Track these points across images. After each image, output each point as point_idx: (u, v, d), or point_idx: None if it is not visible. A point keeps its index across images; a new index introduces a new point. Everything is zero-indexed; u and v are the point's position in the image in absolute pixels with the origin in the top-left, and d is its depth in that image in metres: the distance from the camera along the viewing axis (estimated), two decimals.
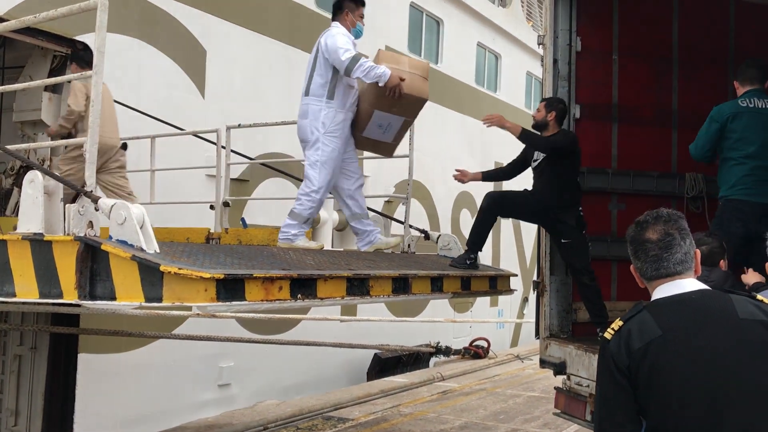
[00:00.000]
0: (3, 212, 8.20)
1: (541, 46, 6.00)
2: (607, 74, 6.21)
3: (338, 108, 5.71)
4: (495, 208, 5.83)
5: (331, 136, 5.72)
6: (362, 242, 6.02)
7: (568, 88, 5.99)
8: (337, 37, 5.67)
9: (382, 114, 5.72)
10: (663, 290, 2.36)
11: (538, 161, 5.75)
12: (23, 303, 3.90)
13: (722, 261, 4.00)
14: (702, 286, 2.36)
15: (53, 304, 3.75)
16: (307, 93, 5.78)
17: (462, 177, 6.05)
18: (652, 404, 2.24)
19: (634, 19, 6.22)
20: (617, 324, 2.36)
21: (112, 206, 3.60)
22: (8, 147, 4.91)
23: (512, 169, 6.13)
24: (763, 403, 2.15)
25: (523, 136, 5.59)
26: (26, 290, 3.78)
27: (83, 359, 8.30)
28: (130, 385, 8.77)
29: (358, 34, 5.96)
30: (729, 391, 2.16)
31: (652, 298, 2.38)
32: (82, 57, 6.80)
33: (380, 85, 5.53)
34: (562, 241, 5.64)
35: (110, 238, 3.57)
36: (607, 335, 2.36)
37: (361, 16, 6.06)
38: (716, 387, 2.17)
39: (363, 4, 6.08)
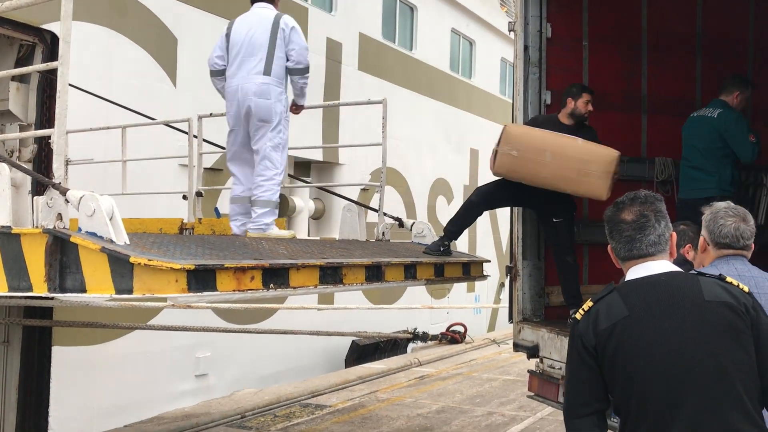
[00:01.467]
0: None
1: (512, 32, 6.03)
2: (578, 60, 6.25)
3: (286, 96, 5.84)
4: (484, 203, 5.86)
5: (287, 120, 5.83)
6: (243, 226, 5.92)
7: (539, 74, 6.02)
8: (301, 34, 5.81)
9: None
10: (635, 271, 2.40)
11: None
12: None
13: (688, 247, 4.02)
14: (673, 268, 2.39)
15: (22, 297, 3.71)
16: (268, 73, 5.66)
17: None
18: (616, 383, 2.30)
19: (604, 5, 6.26)
20: (587, 305, 2.41)
21: (81, 198, 3.57)
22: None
23: None
24: (720, 385, 2.21)
25: None
26: None
27: (57, 352, 8.23)
28: (105, 376, 8.72)
29: None
30: (689, 372, 2.21)
31: (626, 278, 2.42)
32: None
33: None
34: (554, 220, 5.68)
35: (80, 230, 3.54)
36: (578, 316, 2.42)
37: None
38: (677, 368, 2.22)
39: None
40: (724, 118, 5.48)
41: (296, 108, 6.15)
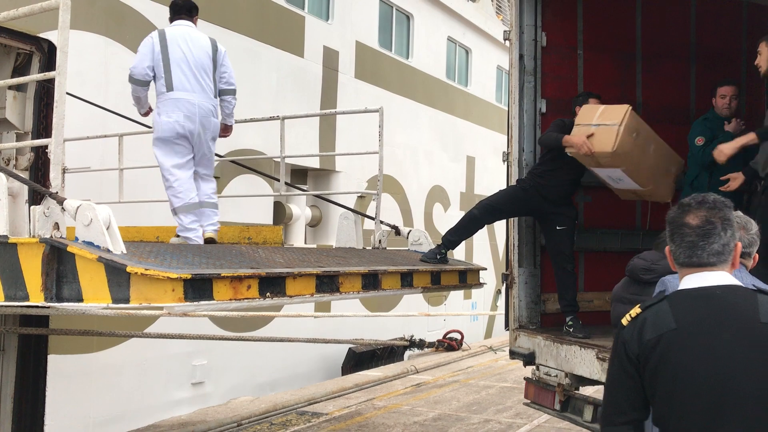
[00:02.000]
0: None
1: (507, 41, 6.07)
2: (573, 69, 6.30)
3: None
4: (487, 216, 5.89)
5: None
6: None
7: (534, 83, 6.06)
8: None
9: (599, 170, 5.45)
10: (690, 281, 2.29)
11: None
12: None
13: None
14: (732, 281, 2.27)
15: (19, 306, 3.72)
16: (215, 95, 6.09)
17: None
18: (657, 395, 2.22)
19: (598, 14, 6.31)
20: (635, 311, 2.31)
21: (78, 207, 3.58)
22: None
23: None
24: (764, 414, 2.11)
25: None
26: None
27: (53, 360, 8.21)
28: (102, 385, 8.70)
29: None
30: (732, 397, 2.12)
31: (680, 287, 2.33)
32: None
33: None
34: (557, 228, 5.70)
35: (76, 239, 3.55)
36: (624, 321, 2.32)
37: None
38: (719, 391, 2.13)
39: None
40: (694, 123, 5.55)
41: (226, 129, 6.47)
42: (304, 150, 11.27)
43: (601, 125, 5.17)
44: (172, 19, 6.19)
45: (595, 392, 5.76)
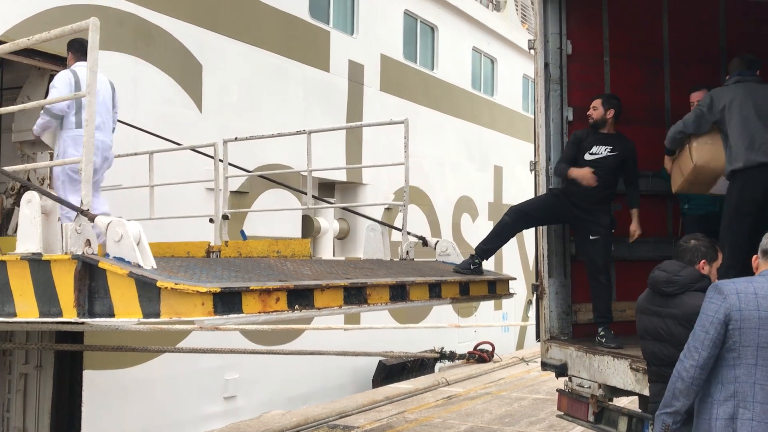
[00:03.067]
0: (5, 232, 8.25)
1: (532, 50, 6.05)
2: (599, 76, 6.25)
3: None
4: (519, 222, 5.84)
5: None
6: None
7: (560, 91, 6.02)
8: None
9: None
10: None
11: (600, 156, 5.64)
12: (24, 322, 3.93)
13: (703, 262, 3.92)
14: None
15: (53, 322, 3.78)
16: (113, 131, 6.61)
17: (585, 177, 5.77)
18: None
19: (624, 20, 6.26)
20: None
21: (109, 224, 3.64)
22: (6, 168, 4.95)
23: (573, 163, 5.79)
24: None
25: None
26: (26, 310, 3.82)
27: (88, 376, 8.33)
28: (136, 400, 8.80)
29: None
30: None
31: None
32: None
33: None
34: (591, 237, 5.64)
35: (107, 255, 3.61)
36: None
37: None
38: None
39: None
40: None
41: None
42: (331, 164, 11.33)
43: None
44: (78, 59, 6.38)
45: (629, 403, 5.66)
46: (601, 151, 5.66)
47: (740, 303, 3.07)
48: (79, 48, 6.37)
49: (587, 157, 5.69)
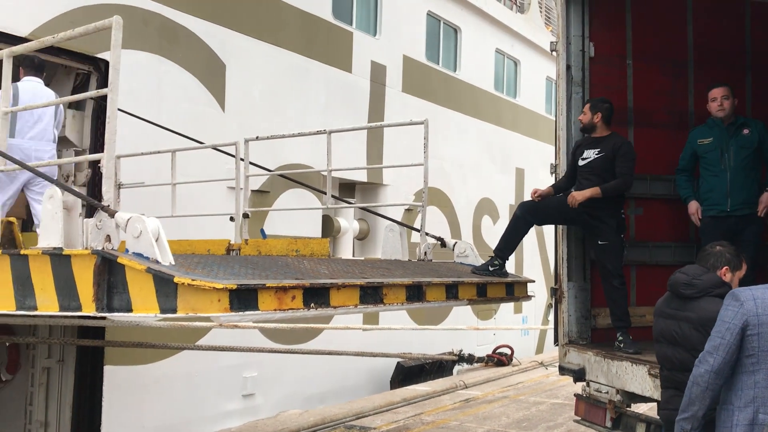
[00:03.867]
0: (31, 228, 8.38)
1: (554, 52, 6.01)
2: (622, 79, 6.19)
3: None
4: (529, 216, 5.79)
5: None
6: None
7: (582, 93, 5.98)
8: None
9: None
10: None
11: (589, 160, 5.64)
12: (42, 316, 3.98)
13: (726, 269, 3.89)
14: None
15: (72, 317, 3.83)
16: (55, 140, 6.78)
17: (536, 196, 5.85)
18: None
19: (648, 22, 6.20)
20: None
21: (128, 220, 3.68)
22: (30, 164, 5.03)
23: (572, 174, 5.87)
24: None
25: (604, 193, 5.48)
26: (47, 303, 3.87)
27: (109, 371, 8.43)
28: (155, 396, 8.88)
29: None
30: None
31: None
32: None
33: None
34: (599, 242, 5.59)
35: (127, 251, 3.65)
36: None
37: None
38: None
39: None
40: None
41: None
42: (352, 164, 11.35)
43: None
44: (27, 74, 6.78)
45: (649, 410, 5.61)
46: (590, 154, 5.64)
47: (757, 308, 3.09)
48: (29, 64, 6.79)
49: (580, 162, 5.71)
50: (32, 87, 6.69)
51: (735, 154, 5.42)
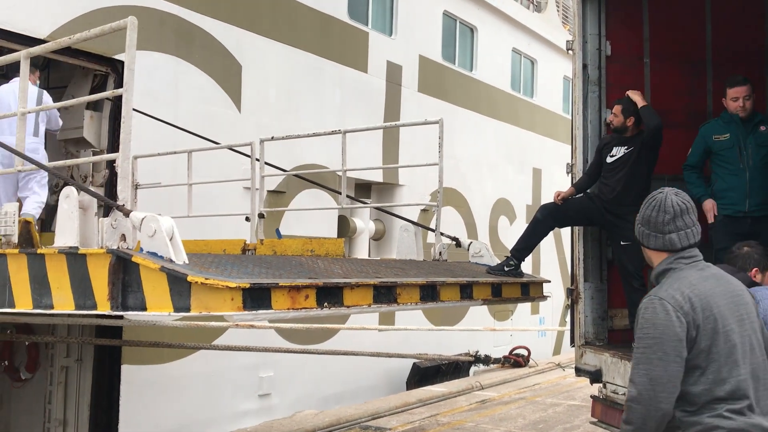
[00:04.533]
0: (49, 228, 8.47)
1: (570, 51, 5.97)
2: (639, 78, 6.13)
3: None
4: (550, 220, 5.76)
5: None
6: None
7: (599, 93, 5.93)
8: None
9: None
10: None
11: (617, 156, 5.60)
12: (58, 315, 4.02)
13: (755, 270, 3.88)
14: None
15: (91, 316, 3.86)
16: (37, 134, 7.05)
17: (559, 199, 5.83)
18: None
19: (665, 21, 6.13)
20: None
21: (143, 219, 3.70)
22: (47, 164, 5.07)
23: (596, 172, 5.82)
24: None
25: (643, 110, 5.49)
26: (63, 302, 3.91)
27: (126, 370, 8.50)
28: (172, 395, 8.94)
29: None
30: None
31: None
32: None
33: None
34: (622, 243, 5.55)
35: (141, 250, 3.67)
36: None
37: (38, 78, 7.43)
38: None
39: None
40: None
41: None
42: (368, 164, 11.35)
43: None
44: (11, 77, 7.10)
45: None
46: (619, 152, 5.60)
47: None
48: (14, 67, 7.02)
49: (608, 160, 5.66)
50: (12, 87, 6.92)
51: (754, 152, 5.25)
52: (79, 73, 8.60)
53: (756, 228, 5.18)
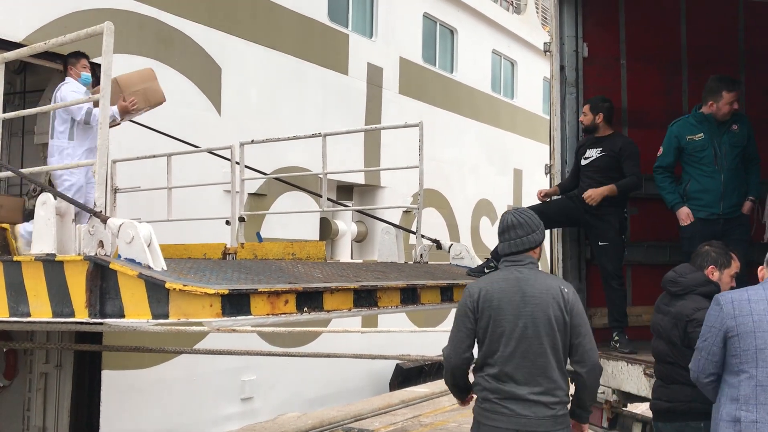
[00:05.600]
0: None
1: (548, 53, 6.01)
2: (616, 79, 6.19)
3: (77, 146, 6.43)
4: None
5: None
6: None
7: (576, 94, 5.98)
8: (68, 96, 6.37)
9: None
10: None
11: (591, 159, 5.64)
12: (35, 322, 3.98)
13: (711, 268, 3.97)
14: None
15: (64, 323, 3.84)
16: (53, 136, 6.58)
17: (541, 196, 5.88)
18: None
19: (641, 23, 6.19)
20: None
21: (121, 225, 3.68)
22: (22, 170, 5.03)
23: (576, 174, 5.83)
24: None
25: (619, 189, 5.47)
26: (40, 310, 3.87)
27: (107, 376, 8.43)
28: (154, 400, 8.88)
29: (86, 81, 6.70)
30: None
31: None
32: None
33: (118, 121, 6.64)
34: (600, 243, 5.57)
35: (119, 256, 3.65)
36: None
37: (84, 66, 6.76)
38: None
39: (83, 56, 6.77)
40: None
41: None
42: (349, 166, 11.35)
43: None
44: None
45: (645, 410, 5.59)
46: (592, 154, 5.63)
47: (734, 310, 3.23)
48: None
49: (582, 162, 5.70)
50: (71, 88, 6.65)
51: (728, 152, 5.16)
52: (57, 76, 8.50)
53: (726, 228, 5.12)
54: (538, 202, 6.11)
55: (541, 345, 3.49)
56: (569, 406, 3.67)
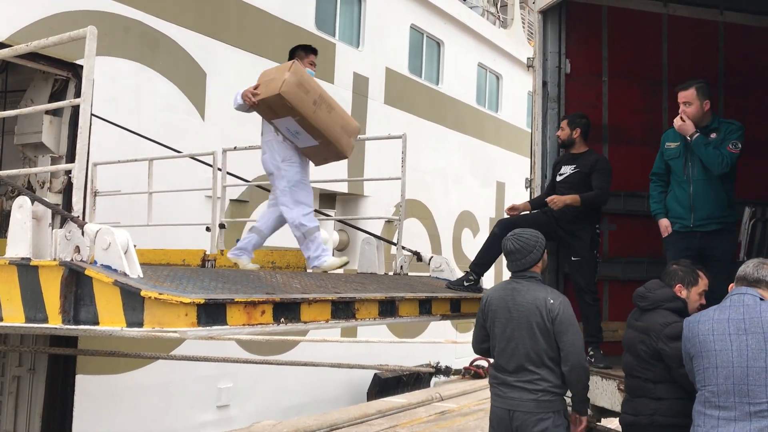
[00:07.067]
0: (4, 234, 8.28)
1: (531, 68, 6.06)
2: (597, 96, 6.25)
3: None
4: (507, 234, 5.80)
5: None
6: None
7: (558, 109, 6.02)
8: None
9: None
10: None
11: (566, 175, 5.67)
12: (7, 327, 3.93)
13: (679, 286, 4.04)
14: None
15: (37, 329, 3.79)
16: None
17: (512, 212, 5.86)
18: None
19: (623, 41, 6.27)
20: None
21: (97, 231, 3.65)
22: (3, 172, 4.97)
23: (551, 189, 5.84)
24: None
25: (582, 200, 5.47)
26: (13, 315, 3.83)
27: (81, 380, 8.33)
28: (128, 406, 8.79)
29: None
30: None
31: None
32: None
33: (243, 102, 6.15)
34: (572, 258, 5.60)
35: (95, 263, 3.61)
36: None
37: (311, 63, 6.48)
38: None
39: (313, 52, 6.50)
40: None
41: None
42: (333, 175, 11.32)
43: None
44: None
45: (619, 426, 5.62)
46: (567, 170, 5.68)
47: (689, 333, 3.42)
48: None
49: (558, 178, 5.74)
50: None
51: (698, 163, 4.88)
52: (39, 76, 8.46)
53: (706, 242, 4.91)
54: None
55: (525, 347, 4.20)
56: (567, 399, 4.37)
